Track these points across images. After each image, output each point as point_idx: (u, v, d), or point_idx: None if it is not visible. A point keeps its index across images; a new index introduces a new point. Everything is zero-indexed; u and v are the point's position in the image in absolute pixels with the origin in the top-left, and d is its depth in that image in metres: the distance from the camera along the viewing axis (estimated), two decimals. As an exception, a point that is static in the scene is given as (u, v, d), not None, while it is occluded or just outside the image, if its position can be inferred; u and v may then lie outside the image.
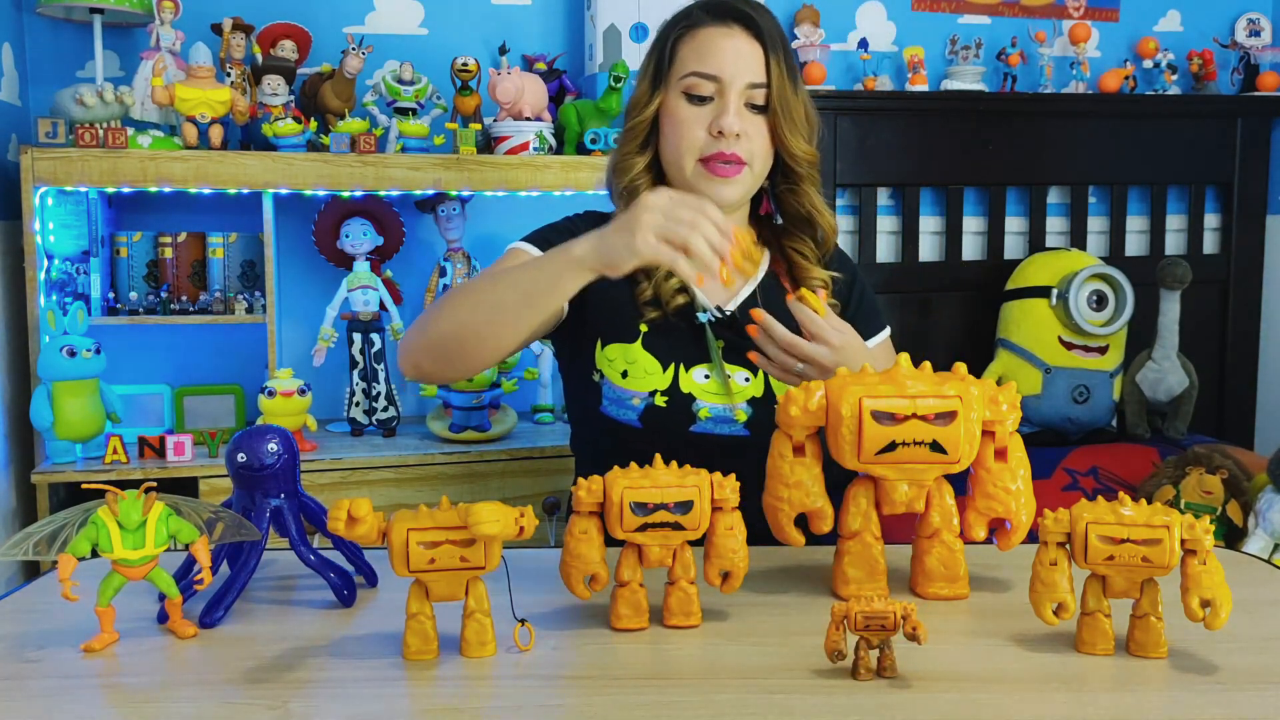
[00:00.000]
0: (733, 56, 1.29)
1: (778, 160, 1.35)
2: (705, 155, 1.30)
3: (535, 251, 1.34)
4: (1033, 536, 0.97)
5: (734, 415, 1.33)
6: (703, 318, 1.34)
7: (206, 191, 2.19)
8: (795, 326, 1.23)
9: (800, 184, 1.37)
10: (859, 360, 1.14)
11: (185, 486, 2.07)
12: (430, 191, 2.33)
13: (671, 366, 1.33)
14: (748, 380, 1.34)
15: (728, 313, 1.36)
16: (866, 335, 1.38)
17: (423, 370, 1.30)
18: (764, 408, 1.33)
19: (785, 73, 1.30)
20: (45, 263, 2.16)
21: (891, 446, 0.96)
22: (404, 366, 1.31)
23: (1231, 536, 2.09)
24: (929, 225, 2.81)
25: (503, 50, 2.47)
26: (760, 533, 1.02)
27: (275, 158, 2.18)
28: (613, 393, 1.33)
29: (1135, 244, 2.91)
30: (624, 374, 1.33)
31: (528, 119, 2.34)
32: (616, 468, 0.94)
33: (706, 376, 1.33)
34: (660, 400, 1.32)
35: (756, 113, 1.31)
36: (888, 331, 1.46)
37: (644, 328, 1.34)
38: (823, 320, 1.21)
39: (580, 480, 0.93)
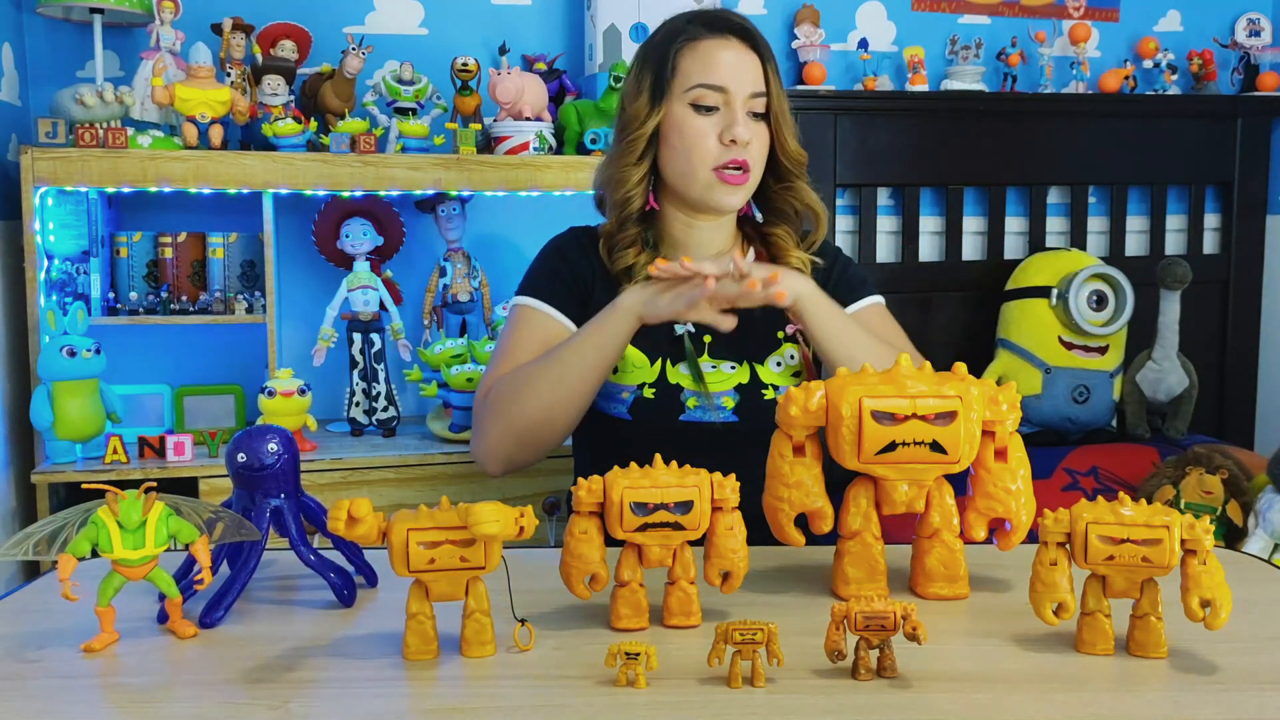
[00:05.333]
0: (736, 68, 1.35)
1: (770, 162, 1.42)
2: (718, 164, 1.35)
3: (545, 307, 1.40)
4: (1033, 536, 0.97)
5: (721, 402, 1.38)
6: (680, 329, 1.39)
7: (206, 191, 2.19)
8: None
9: (795, 181, 1.44)
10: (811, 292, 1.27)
11: (185, 486, 2.07)
12: (430, 191, 2.33)
13: (658, 361, 1.39)
14: (733, 368, 1.39)
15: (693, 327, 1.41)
16: (849, 300, 1.43)
17: (514, 462, 1.36)
18: (751, 393, 1.39)
19: (779, 80, 1.39)
20: (45, 263, 2.16)
21: (891, 446, 0.96)
22: (491, 466, 1.35)
23: (1231, 536, 2.09)
24: (929, 225, 2.81)
25: (503, 50, 2.47)
26: (760, 532, 1.02)
27: (275, 158, 2.18)
28: (604, 389, 1.37)
29: (1135, 244, 2.91)
30: (614, 370, 1.37)
31: (528, 119, 2.34)
32: (616, 467, 0.94)
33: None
34: (648, 392, 1.38)
35: (757, 120, 1.37)
36: (878, 300, 1.48)
37: None
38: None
39: (580, 480, 0.93)
